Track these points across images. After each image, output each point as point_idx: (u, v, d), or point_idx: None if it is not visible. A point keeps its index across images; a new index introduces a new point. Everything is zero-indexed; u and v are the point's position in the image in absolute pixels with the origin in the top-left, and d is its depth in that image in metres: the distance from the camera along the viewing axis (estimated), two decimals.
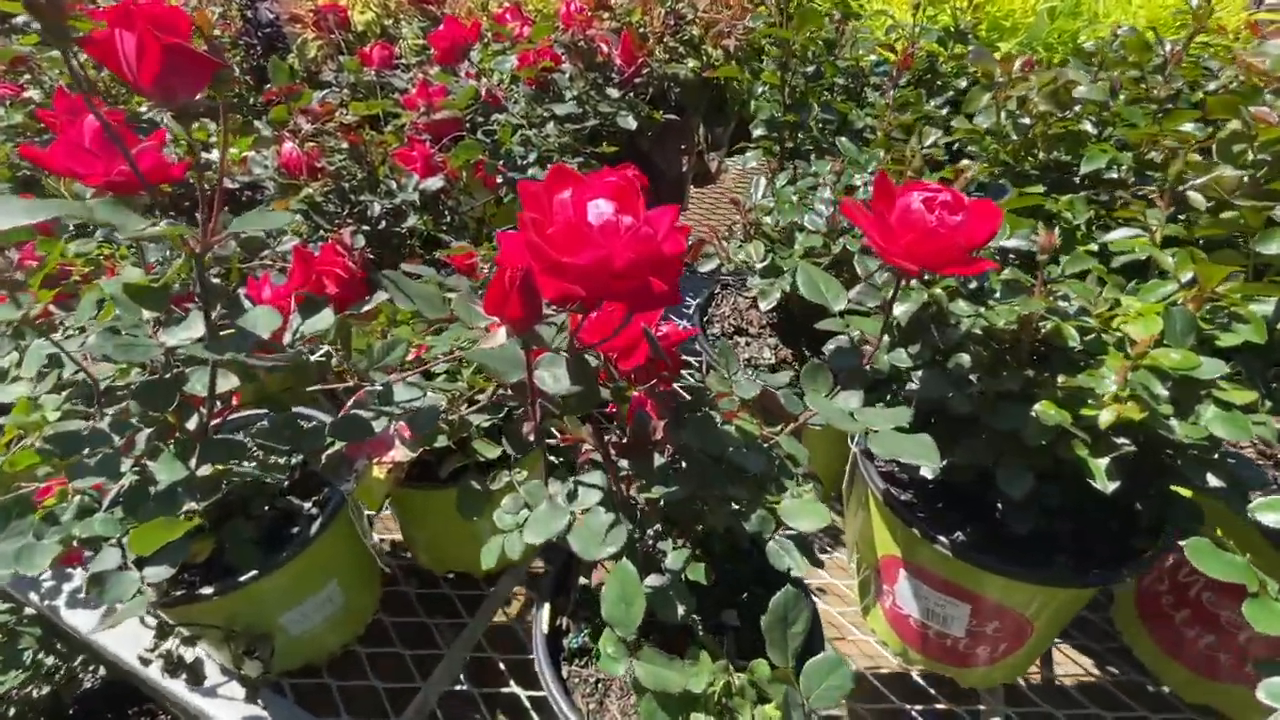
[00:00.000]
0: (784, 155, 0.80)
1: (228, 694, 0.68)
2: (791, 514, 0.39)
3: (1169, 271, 0.45)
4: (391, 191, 0.99)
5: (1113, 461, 0.43)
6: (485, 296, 0.31)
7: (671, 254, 0.34)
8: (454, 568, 0.80)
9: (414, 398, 0.50)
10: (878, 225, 0.38)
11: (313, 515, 0.63)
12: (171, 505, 0.47)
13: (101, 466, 0.45)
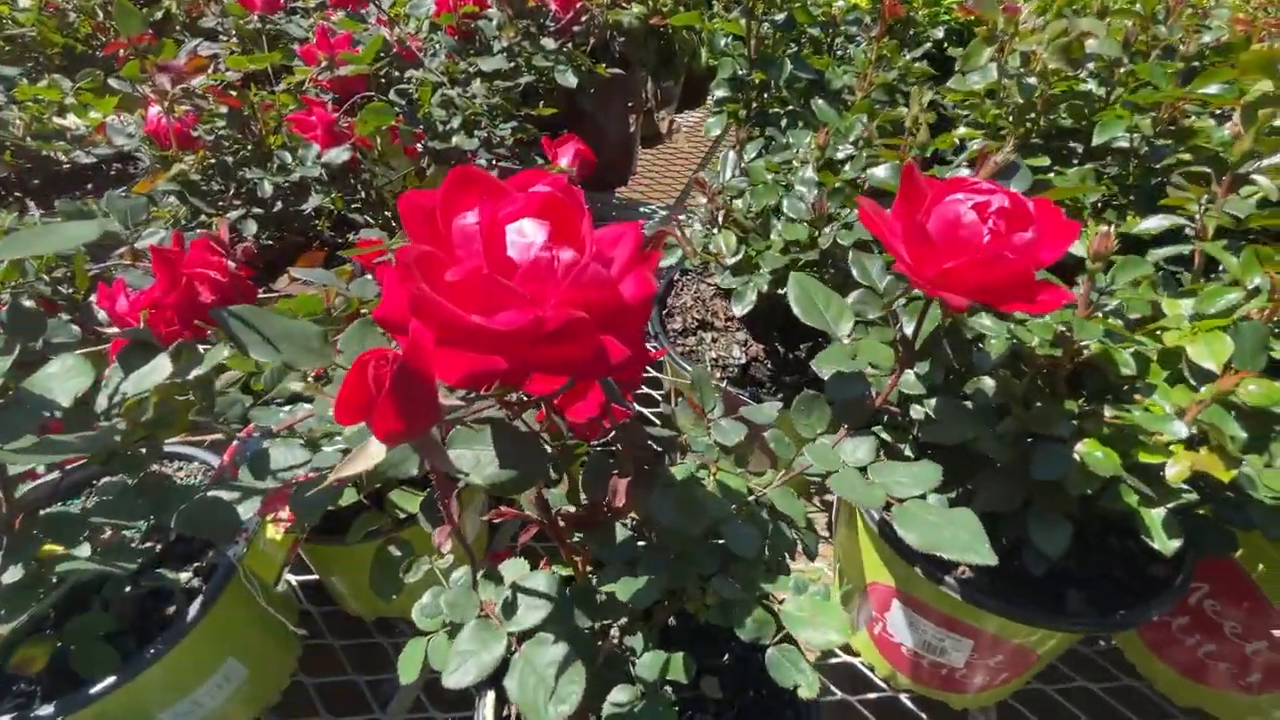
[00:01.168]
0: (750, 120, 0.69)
1: None
2: (800, 621, 0.30)
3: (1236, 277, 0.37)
4: (286, 166, 0.83)
5: (1170, 513, 0.36)
6: (338, 401, 0.20)
7: (635, 299, 0.23)
8: (386, 614, 0.69)
9: (299, 463, 0.38)
10: (909, 239, 0.27)
11: (193, 589, 0.50)
12: None
13: None
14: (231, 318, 0.31)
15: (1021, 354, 0.39)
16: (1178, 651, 0.64)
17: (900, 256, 0.28)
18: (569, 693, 0.26)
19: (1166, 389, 0.36)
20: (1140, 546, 0.50)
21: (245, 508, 0.36)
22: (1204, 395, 0.33)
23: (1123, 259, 0.39)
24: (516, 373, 0.23)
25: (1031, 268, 0.26)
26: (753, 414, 0.41)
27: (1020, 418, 0.38)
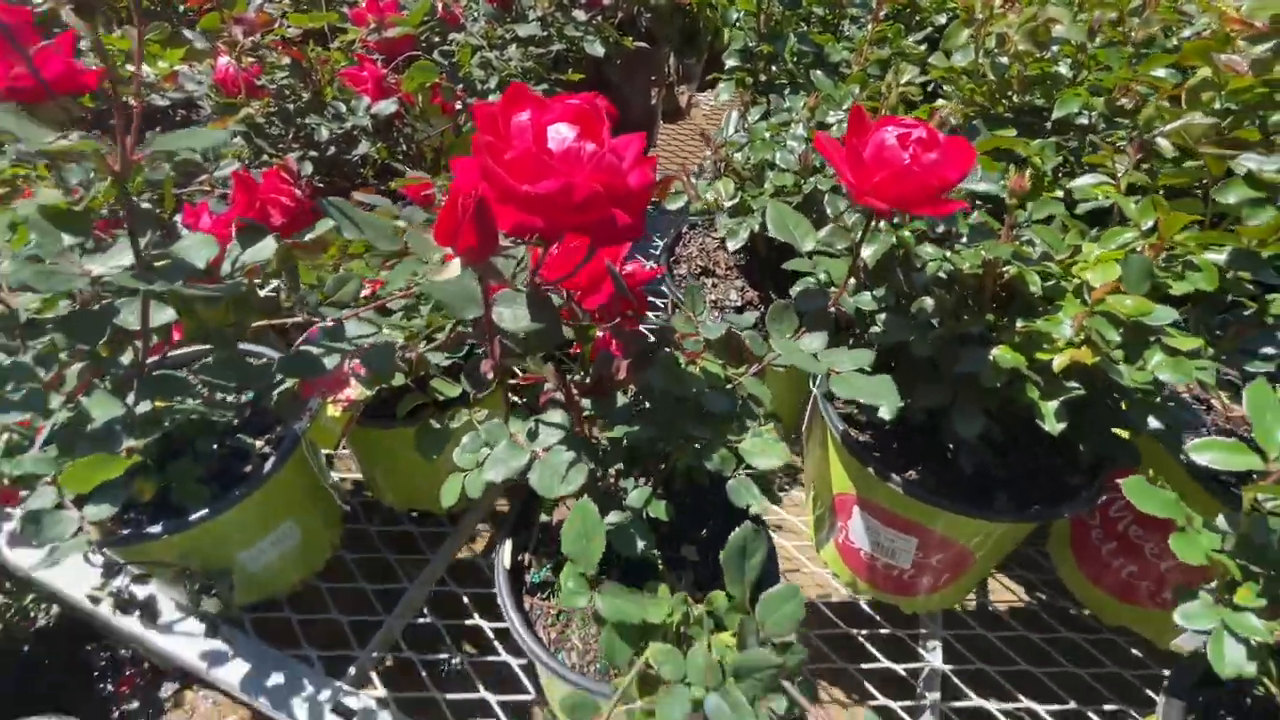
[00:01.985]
0: (757, 89, 0.77)
1: (186, 630, 0.67)
2: (753, 453, 0.39)
3: (1131, 219, 0.46)
4: (340, 115, 0.92)
5: (1062, 404, 0.44)
6: (436, 225, 0.29)
7: (638, 186, 0.33)
8: (416, 505, 0.80)
9: (368, 334, 0.48)
10: (850, 161, 0.36)
11: (265, 454, 0.61)
12: (108, 443, 0.45)
13: (27, 402, 0.42)
14: (332, 206, 0.40)
15: (956, 278, 0.48)
16: (1108, 575, 0.73)
17: (844, 175, 0.37)
18: (575, 479, 0.36)
19: (1067, 306, 0.44)
20: (1064, 462, 0.59)
21: (328, 361, 0.46)
22: (1090, 308, 0.42)
23: (1037, 201, 0.47)
24: (551, 230, 0.32)
25: (935, 181, 0.34)
26: (735, 320, 0.50)
27: (950, 326, 0.46)
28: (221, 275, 0.44)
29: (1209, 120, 0.45)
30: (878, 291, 0.51)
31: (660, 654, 0.34)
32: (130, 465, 0.41)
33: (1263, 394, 0.36)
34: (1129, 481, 0.38)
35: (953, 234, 0.50)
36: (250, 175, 0.69)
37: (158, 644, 0.67)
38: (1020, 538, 0.66)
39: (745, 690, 0.31)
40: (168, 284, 0.39)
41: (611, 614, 0.35)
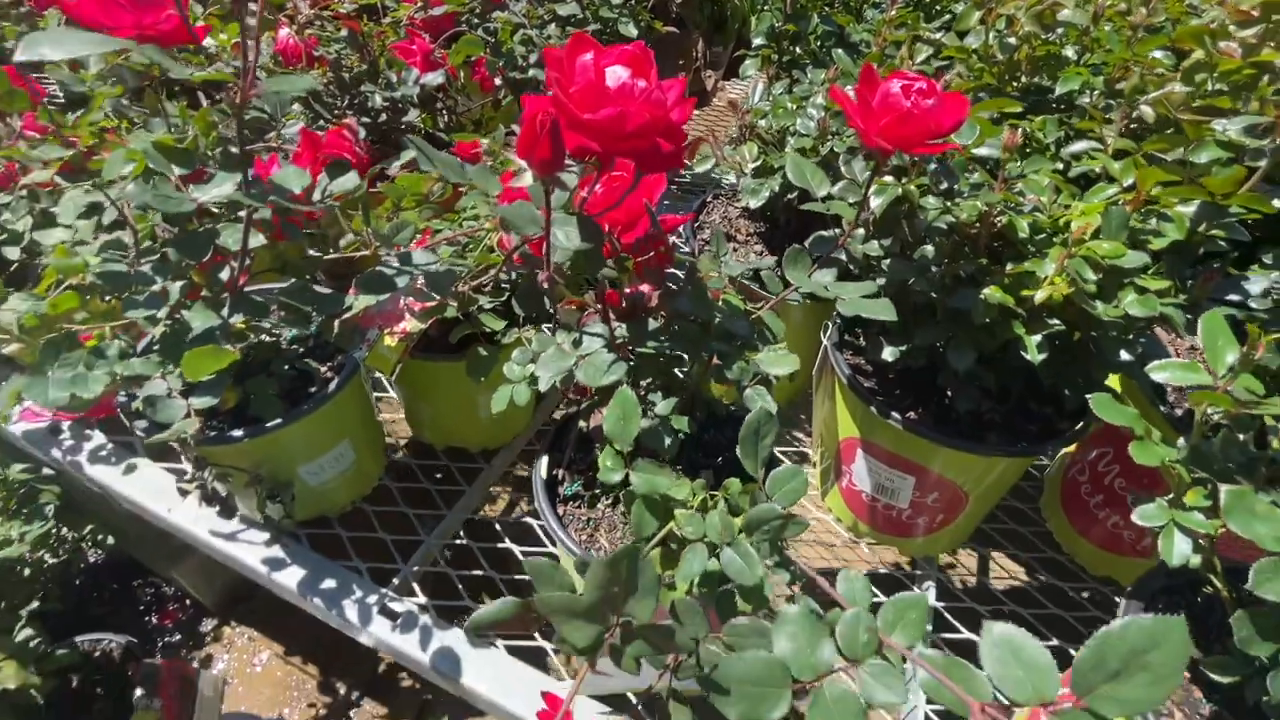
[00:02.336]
0: (781, 65, 0.82)
1: (249, 539, 0.75)
2: (767, 363, 0.45)
3: (1115, 176, 0.51)
4: (392, 84, 0.99)
5: (1044, 338, 0.50)
6: (517, 141, 0.36)
7: (679, 120, 0.39)
8: (453, 442, 0.87)
9: (431, 261, 0.55)
10: (860, 109, 0.42)
11: (329, 378, 0.68)
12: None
13: (149, 302, 0.49)
14: (412, 143, 0.47)
15: (955, 227, 0.54)
16: (1095, 527, 0.78)
17: (854, 120, 0.43)
18: (615, 371, 0.43)
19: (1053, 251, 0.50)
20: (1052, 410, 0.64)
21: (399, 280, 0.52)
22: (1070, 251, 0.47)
23: (1031, 158, 0.53)
24: (606, 153, 0.38)
25: (932, 125, 0.40)
26: (755, 262, 0.56)
27: (948, 268, 0.52)
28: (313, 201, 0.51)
29: (1187, 89, 0.50)
30: (884, 241, 0.57)
31: (683, 518, 0.40)
32: (235, 359, 0.48)
33: (1215, 321, 0.42)
34: (1096, 397, 0.44)
35: (955, 191, 0.55)
36: (315, 133, 0.76)
37: (225, 550, 0.74)
38: (1009, 481, 0.72)
39: (755, 542, 0.37)
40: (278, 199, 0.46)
41: (643, 486, 0.41)
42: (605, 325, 0.48)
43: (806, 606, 0.32)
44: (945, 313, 0.54)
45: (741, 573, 0.36)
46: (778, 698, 0.30)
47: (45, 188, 0.74)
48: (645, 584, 0.28)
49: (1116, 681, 0.25)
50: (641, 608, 0.28)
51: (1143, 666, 0.24)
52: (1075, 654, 0.25)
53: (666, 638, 0.30)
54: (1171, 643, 0.24)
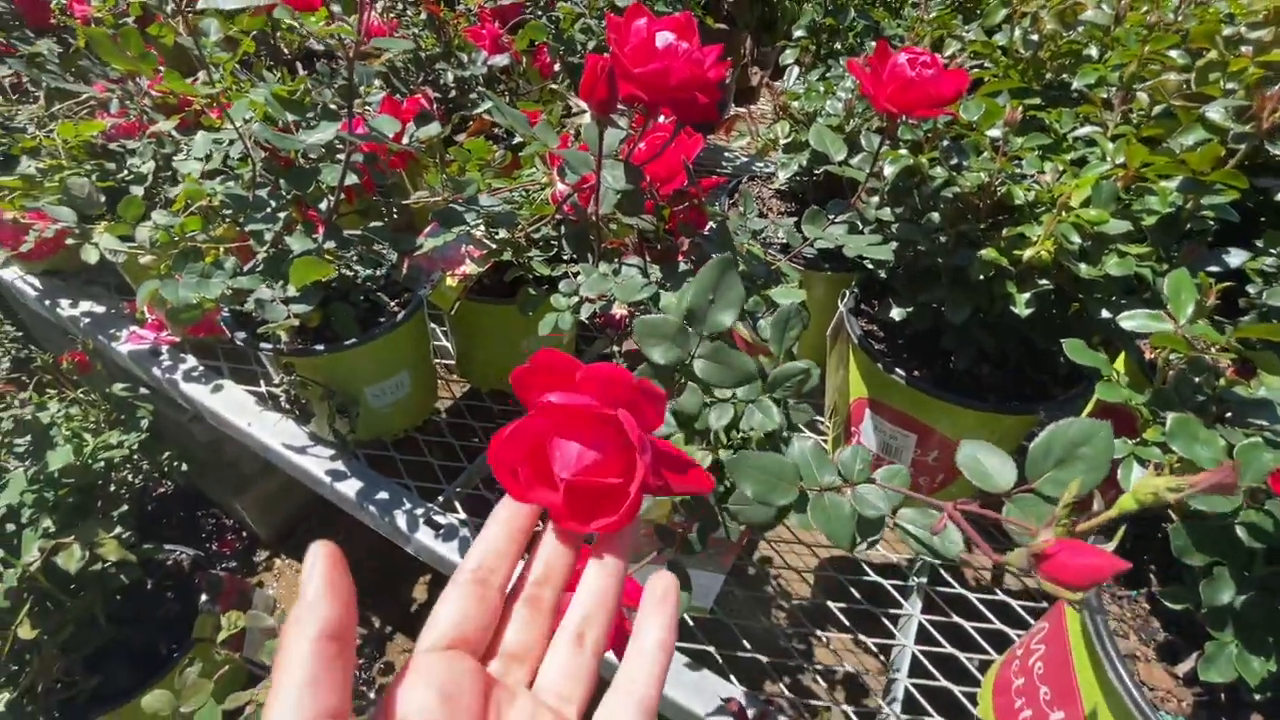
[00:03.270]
0: (818, 55, 0.89)
1: (316, 453, 0.85)
2: (779, 295, 0.52)
3: (1108, 155, 0.56)
4: (463, 64, 1.09)
5: (1033, 296, 0.56)
6: (580, 85, 0.44)
7: (715, 77, 0.46)
8: (497, 385, 0.96)
9: (495, 204, 0.64)
10: (872, 79, 0.49)
11: (395, 311, 0.78)
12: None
13: (265, 219, 0.59)
14: (489, 97, 0.56)
15: (959, 196, 0.60)
16: None
17: (866, 88, 0.49)
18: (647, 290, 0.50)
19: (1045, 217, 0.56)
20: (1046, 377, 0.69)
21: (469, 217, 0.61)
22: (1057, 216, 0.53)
23: (1029, 134, 0.58)
24: (652, 102, 0.46)
25: (933, 92, 0.47)
26: (777, 221, 0.63)
27: (950, 232, 0.58)
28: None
29: (1180, 78, 0.56)
30: (897, 209, 0.63)
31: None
32: (331, 273, 0.57)
33: (1180, 278, 0.47)
34: (1069, 342, 0.50)
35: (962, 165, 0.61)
36: (395, 100, 0.86)
37: (295, 461, 0.84)
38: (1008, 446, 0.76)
39: (778, 395, 0.44)
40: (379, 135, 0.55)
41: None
42: (641, 260, 0.56)
43: (816, 442, 0.40)
44: (947, 273, 0.60)
45: (764, 422, 0.43)
46: (786, 490, 0.37)
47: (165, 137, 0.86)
48: (731, 297, 0.37)
49: (1060, 468, 0.32)
50: (725, 316, 0.37)
51: (1079, 457, 0.31)
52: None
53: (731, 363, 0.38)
54: (1101, 438, 0.31)
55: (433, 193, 0.71)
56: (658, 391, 0.26)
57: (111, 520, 1.00)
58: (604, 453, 0.25)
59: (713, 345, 0.40)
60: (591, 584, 0.26)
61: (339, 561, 0.21)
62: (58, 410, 0.90)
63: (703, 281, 0.40)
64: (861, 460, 0.39)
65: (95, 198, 0.65)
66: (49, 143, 0.85)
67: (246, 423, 0.88)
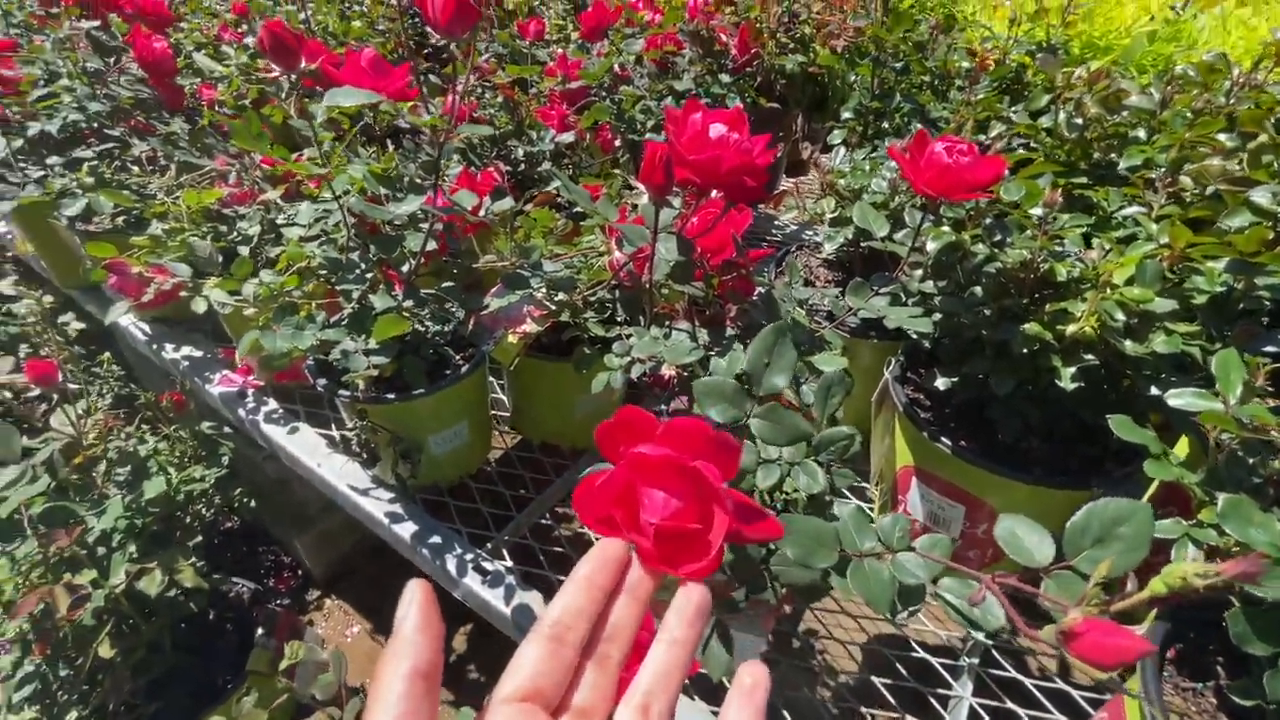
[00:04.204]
0: (865, 136, 0.94)
1: (377, 495, 0.90)
2: (822, 361, 0.55)
3: (1152, 236, 0.57)
4: (532, 140, 1.19)
5: (1079, 370, 0.56)
6: (640, 170, 0.49)
7: (762, 163, 0.51)
8: (549, 438, 1.00)
9: (557, 270, 0.69)
10: (911, 165, 0.53)
11: (460, 365, 0.83)
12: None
13: (355, 280, 0.66)
14: (556, 175, 0.62)
15: (1002, 271, 0.61)
16: None
17: (906, 173, 0.53)
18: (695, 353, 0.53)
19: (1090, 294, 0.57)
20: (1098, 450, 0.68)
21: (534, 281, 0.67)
22: (1101, 294, 0.54)
23: (1072, 214, 0.60)
24: (704, 185, 0.51)
25: (968, 178, 0.49)
26: (823, 290, 0.66)
27: (993, 306, 0.60)
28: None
29: (1223, 163, 0.57)
30: (940, 282, 0.65)
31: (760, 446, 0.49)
32: (407, 328, 0.64)
33: (1228, 357, 0.47)
34: (1116, 419, 0.50)
35: (1005, 241, 0.63)
36: (471, 173, 0.95)
37: (358, 501, 0.90)
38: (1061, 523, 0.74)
39: (823, 459, 0.46)
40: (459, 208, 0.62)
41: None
42: (690, 324, 0.59)
43: (858, 507, 0.41)
44: (991, 346, 0.61)
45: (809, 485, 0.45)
46: (827, 554, 0.39)
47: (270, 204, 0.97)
48: (785, 362, 0.39)
49: (1097, 547, 0.32)
50: (780, 379, 0.40)
51: (1117, 536, 0.32)
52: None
53: (784, 423, 0.40)
54: (1140, 518, 0.32)
55: (500, 257, 0.78)
56: (733, 443, 0.29)
57: (187, 549, 1.07)
58: (686, 501, 0.28)
59: (768, 406, 0.43)
60: (661, 657, 0.26)
61: (433, 601, 0.24)
62: (154, 444, 0.99)
63: (759, 346, 0.43)
64: (900, 528, 0.41)
65: (214, 258, 0.74)
66: (174, 208, 0.97)
67: (316, 463, 0.95)
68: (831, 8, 1.59)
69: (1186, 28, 1.22)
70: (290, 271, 0.72)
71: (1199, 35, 1.22)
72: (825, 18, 1.55)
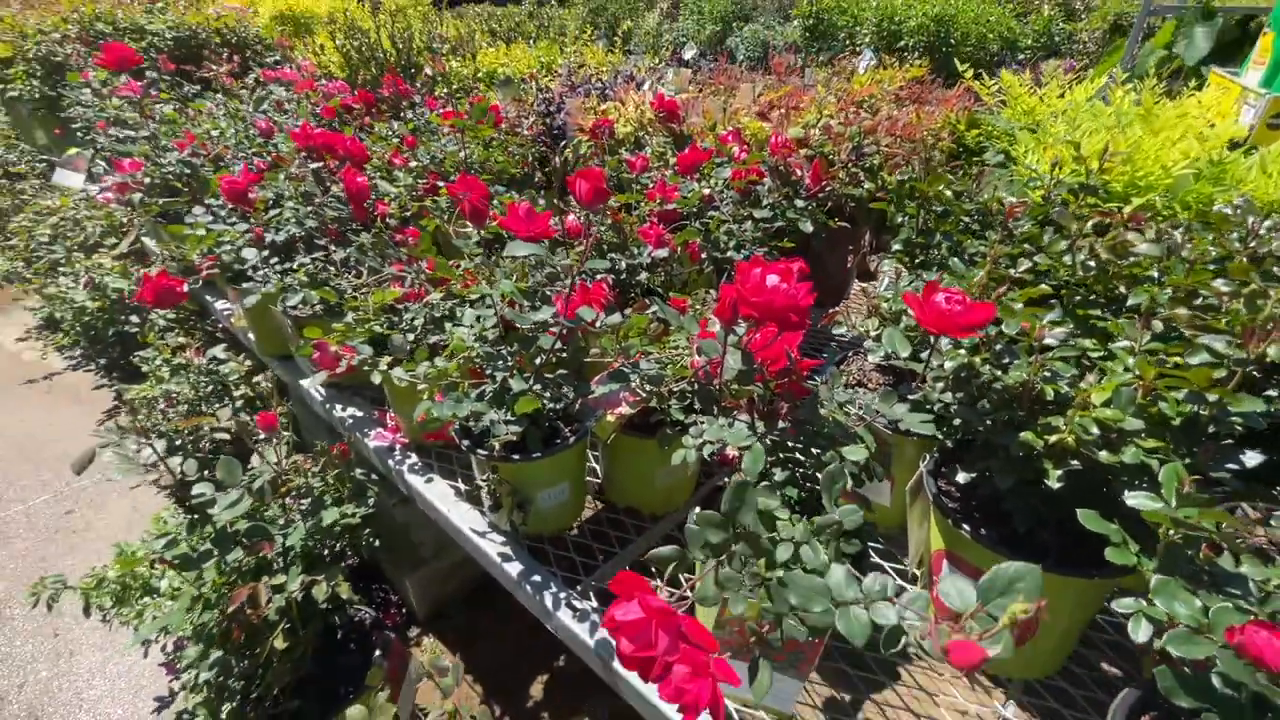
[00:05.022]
0: (913, 265, 1.12)
1: (492, 539, 1.11)
2: (849, 453, 0.71)
3: (1129, 368, 0.71)
4: (633, 254, 1.46)
5: (1065, 473, 0.69)
6: (715, 308, 0.70)
7: (804, 304, 0.71)
8: (631, 504, 1.18)
9: (651, 369, 0.90)
10: (919, 308, 0.71)
11: (568, 436, 1.05)
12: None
13: (501, 367, 0.90)
14: (655, 300, 0.84)
15: (1006, 388, 0.76)
16: None
17: (917, 315, 0.71)
18: (750, 439, 0.72)
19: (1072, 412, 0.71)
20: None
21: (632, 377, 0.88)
22: (1078, 412, 0.68)
23: (1063, 344, 0.75)
24: (761, 318, 0.71)
25: (961, 320, 0.67)
26: (856, 395, 0.83)
27: (998, 416, 0.75)
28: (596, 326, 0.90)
29: (1189, 312, 0.71)
30: (958, 394, 0.81)
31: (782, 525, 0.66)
32: (538, 405, 0.86)
33: (1171, 470, 0.60)
34: (1084, 512, 0.63)
35: (1009, 364, 0.78)
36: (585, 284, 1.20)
37: (476, 542, 1.11)
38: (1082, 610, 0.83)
39: (822, 540, 0.62)
40: (576, 323, 0.85)
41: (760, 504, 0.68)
42: (749, 416, 0.78)
43: (847, 569, 0.57)
44: (998, 448, 0.75)
45: (812, 559, 0.61)
46: (822, 603, 0.55)
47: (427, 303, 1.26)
48: (749, 504, 0.57)
49: (1003, 597, 0.47)
50: (748, 516, 0.57)
51: (1016, 590, 0.47)
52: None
53: (756, 541, 0.57)
54: (1031, 578, 0.46)
55: (604, 353, 1.00)
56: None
57: (343, 569, 1.32)
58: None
59: (742, 531, 0.60)
60: None
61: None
62: (325, 483, 1.26)
63: (732, 494, 0.59)
64: (880, 585, 0.56)
65: (405, 346, 1.01)
66: (363, 303, 1.28)
67: (446, 509, 1.18)
68: (899, 141, 1.81)
69: (1232, 168, 1.33)
70: (455, 360, 0.98)
71: (1244, 175, 1.33)
72: (892, 150, 1.78)
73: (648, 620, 0.46)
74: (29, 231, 2.38)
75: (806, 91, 2.48)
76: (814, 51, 5.42)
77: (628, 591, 0.49)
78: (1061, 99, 1.84)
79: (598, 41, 4.86)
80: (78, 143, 2.89)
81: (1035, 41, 4.78)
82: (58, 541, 2.06)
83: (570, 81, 2.68)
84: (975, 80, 2.04)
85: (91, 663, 1.70)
